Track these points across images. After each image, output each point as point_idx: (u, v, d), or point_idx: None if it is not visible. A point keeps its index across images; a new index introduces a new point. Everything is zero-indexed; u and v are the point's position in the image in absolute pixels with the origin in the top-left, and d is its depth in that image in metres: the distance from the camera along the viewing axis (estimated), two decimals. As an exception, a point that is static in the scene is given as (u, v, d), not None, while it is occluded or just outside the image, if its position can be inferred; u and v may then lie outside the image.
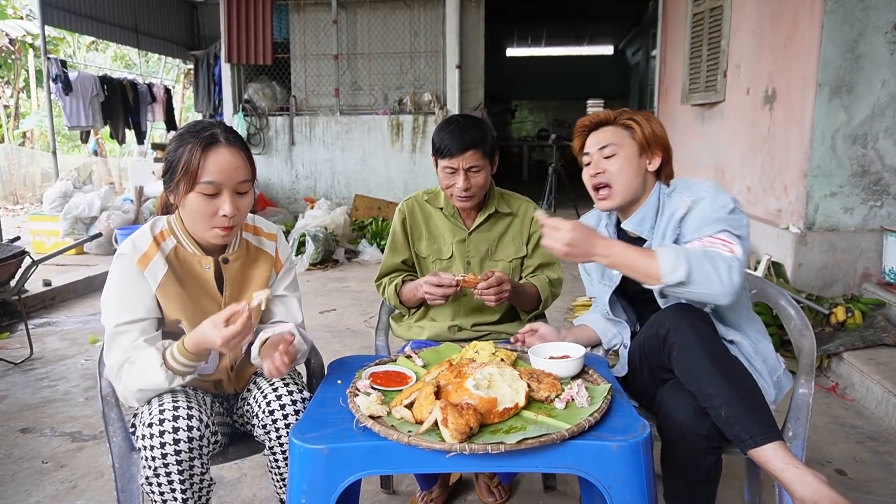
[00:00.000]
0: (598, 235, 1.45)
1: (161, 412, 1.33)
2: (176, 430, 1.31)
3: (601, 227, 1.74)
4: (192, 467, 1.33)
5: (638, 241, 1.65)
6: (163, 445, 1.30)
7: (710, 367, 1.35)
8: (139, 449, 1.34)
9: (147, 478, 1.32)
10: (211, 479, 1.40)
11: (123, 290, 1.42)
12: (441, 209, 1.96)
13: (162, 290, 1.44)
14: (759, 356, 1.55)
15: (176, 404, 1.35)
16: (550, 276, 1.96)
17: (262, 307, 1.40)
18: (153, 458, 1.30)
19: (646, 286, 1.46)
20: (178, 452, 1.30)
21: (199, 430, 1.34)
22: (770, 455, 1.27)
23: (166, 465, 1.30)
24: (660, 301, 1.56)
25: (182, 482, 1.32)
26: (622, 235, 1.70)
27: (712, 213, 1.48)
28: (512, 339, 1.70)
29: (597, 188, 1.62)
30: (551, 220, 1.45)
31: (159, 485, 1.32)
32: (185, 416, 1.33)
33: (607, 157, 1.59)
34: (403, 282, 1.96)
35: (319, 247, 5.68)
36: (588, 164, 1.63)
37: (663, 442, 1.44)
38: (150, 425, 1.31)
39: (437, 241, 1.97)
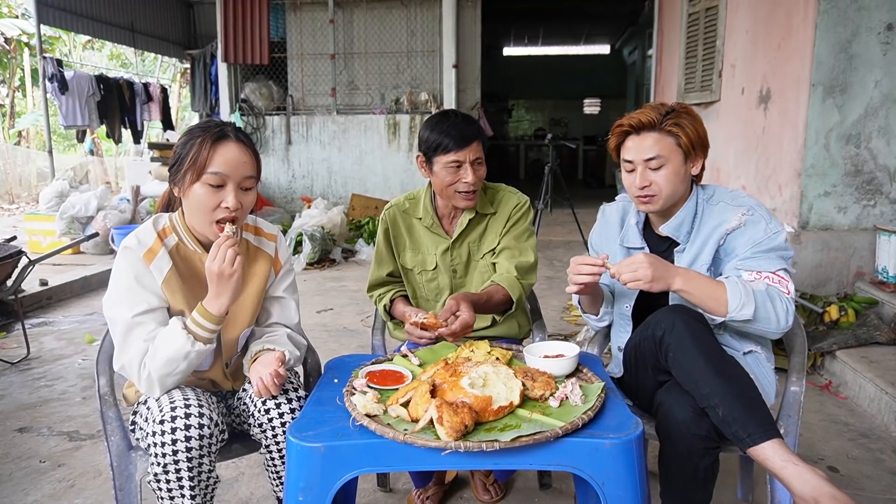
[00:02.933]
0: (672, 267, 1.48)
1: (172, 409, 1.34)
2: (188, 427, 1.32)
3: (630, 223, 1.71)
4: (200, 465, 1.34)
5: (666, 241, 1.65)
6: (174, 443, 1.31)
7: (706, 367, 1.36)
8: (148, 446, 1.34)
9: (155, 475, 1.33)
10: (217, 477, 1.42)
11: (134, 282, 1.43)
12: (420, 220, 1.91)
13: (167, 284, 1.46)
14: (770, 364, 1.58)
15: (187, 402, 1.36)
16: (520, 264, 1.84)
17: (234, 234, 1.44)
18: (163, 455, 1.31)
19: (709, 316, 1.48)
20: (188, 450, 1.32)
21: (209, 427, 1.35)
22: (769, 452, 1.28)
23: (176, 462, 1.31)
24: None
25: (191, 479, 1.34)
26: (650, 236, 1.69)
27: (767, 241, 1.51)
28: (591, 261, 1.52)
29: (641, 196, 1.58)
30: (625, 262, 1.46)
31: (168, 482, 1.33)
32: (197, 414, 1.34)
33: (654, 169, 1.54)
34: (392, 301, 1.94)
35: (316, 246, 5.69)
36: (631, 170, 1.58)
37: (662, 442, 1.45)
38: (162, 422, 1.32)
39: (421, 252, 1.93)
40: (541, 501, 2.06)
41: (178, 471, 1.32)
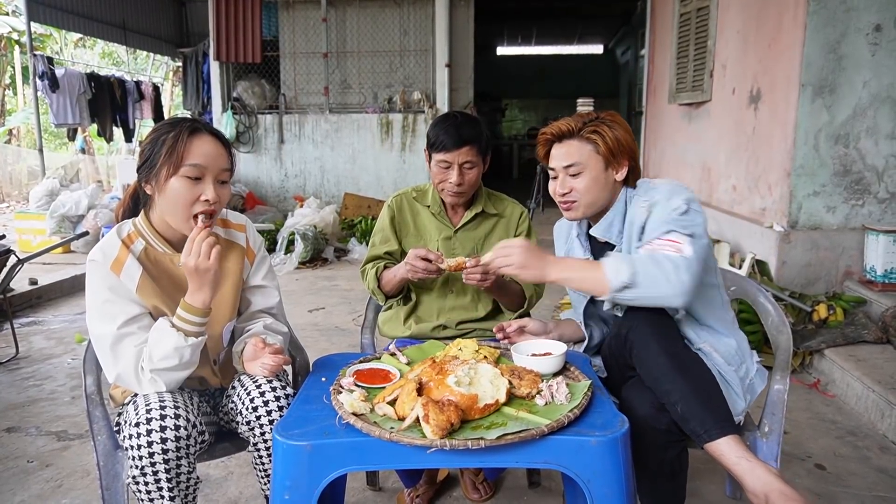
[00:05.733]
0: (549, 256, 1.46)
1: (148, 412, 1.33)
2: (163, 429, 1.31)
3: (573, 236, 1.74)
4: (178, 466, 1.34)
5: (610, 247, 1.64)
6: (150, 444, 1.30)
7: (668, 364, 1.38)
8: (125, 448, 1.34)
9: (134, 477, 1.32)
10: (197, 478, 1.41)
11: (109, 294, 1.42)
12: (428, 207, 1.97)
13: (141, 291, 1.45)
14: (731, 366, 1.52)
15: (162, 404, 1.35)
16: None
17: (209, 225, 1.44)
18: (140, 458, 1.31)
19: (598, 298, 1.47)
20: (164, 451, 1.31)
21: (185, 429, 1.34)
22: (724, 448, 1.31)
23: (153, 465, 1.31)
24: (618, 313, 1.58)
25: (169, 481, 1.33)
26: (594, 242, 1.70)
27: (664, 216, 1.48)
28: (495, 329, 1.71)
29: (562, 203, 1.62)
30: (501, 246, 1.46)
31: (146, 484, 1.32)
32: (172, 416, 1.33)
33: (573, 176, 1.57)
34: (386, 267, 1.96)
35: (309, 245, 5.68)
36: (555, 177, 1.62)
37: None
38: (137, 425, 1.32)
39: (424, 238, 1.98)
40: (529, 499, 2.06)
41: (155, 473, 1.31)
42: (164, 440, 1.31)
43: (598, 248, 1.68)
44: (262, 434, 1.46)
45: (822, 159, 3.48)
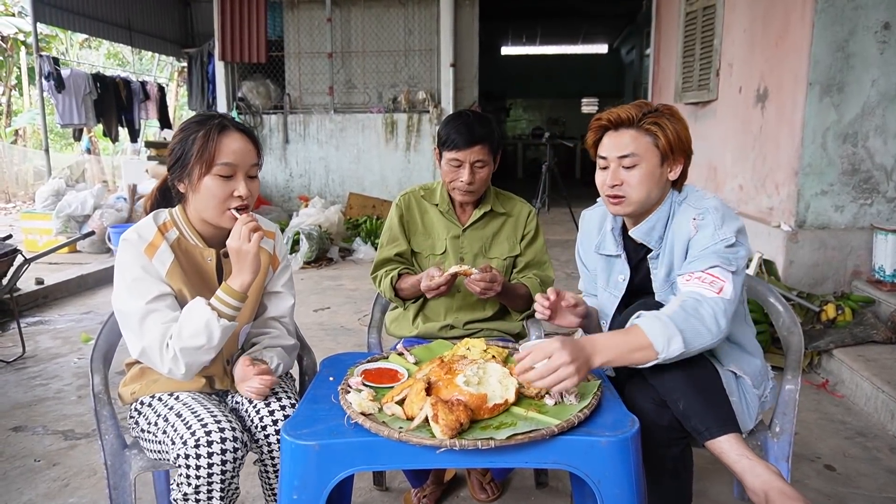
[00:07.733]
0: (587, 346, 1.28)
1: (207, 433, 1.33)
2: (224, 451, 1.33)
3: (606, 229, 1.64)
4: (231, 483, 1.36)
5: (643, 248, 1.57)
6: (210, 466, 1.31)
7: (671, 360, 1.35)
8: (178, 466, 1.34)
9: (185, 494, 1.33)
10: (237, 486, 1.42)
11: (141, 271, 1.43)
12: (436, 205, 1.97)
13: (170, 277, 1.46)
14: (756, 389, 1.51)
15: (220, 425, 1.35)
16: (542, 277, 1.97)
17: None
18: (197, 477, 1.31)
19: (646, 365, 1.35)
20: (223, 472, 1.33)
21: (240, 450, 1.36)
22: (725, 446, 1.30)
23: (210, 484, 1.32)
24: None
25: (222, 499, 1.35)
26: (627, 241, 1.62)
27: (711, 245, 1.41)
28: (537, 298, 1.57)
29: (611, 196, 1.50)
30: (535, 353, 1.23)
31: (197, 500, 1.33)
32: (231, 438, 1.34)
33: (627, 168, 1.46)
34: (400, 275, 1.95)
35: (313, 245, 5.68)
36: (604, 167, 1.50)
37: None
38: (197, 446, 1.32)
39: (432, 237, 1.98)
40: (537, 500, 2.05)
41: (209, 491, 1.33)
42: (223, 462, 1.32)
43: (633, 248, 1.60)
44: (270, 450, 1.47)
45: (829, 158, 3.46)
